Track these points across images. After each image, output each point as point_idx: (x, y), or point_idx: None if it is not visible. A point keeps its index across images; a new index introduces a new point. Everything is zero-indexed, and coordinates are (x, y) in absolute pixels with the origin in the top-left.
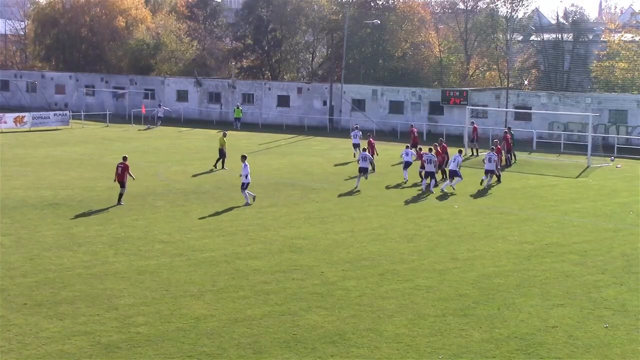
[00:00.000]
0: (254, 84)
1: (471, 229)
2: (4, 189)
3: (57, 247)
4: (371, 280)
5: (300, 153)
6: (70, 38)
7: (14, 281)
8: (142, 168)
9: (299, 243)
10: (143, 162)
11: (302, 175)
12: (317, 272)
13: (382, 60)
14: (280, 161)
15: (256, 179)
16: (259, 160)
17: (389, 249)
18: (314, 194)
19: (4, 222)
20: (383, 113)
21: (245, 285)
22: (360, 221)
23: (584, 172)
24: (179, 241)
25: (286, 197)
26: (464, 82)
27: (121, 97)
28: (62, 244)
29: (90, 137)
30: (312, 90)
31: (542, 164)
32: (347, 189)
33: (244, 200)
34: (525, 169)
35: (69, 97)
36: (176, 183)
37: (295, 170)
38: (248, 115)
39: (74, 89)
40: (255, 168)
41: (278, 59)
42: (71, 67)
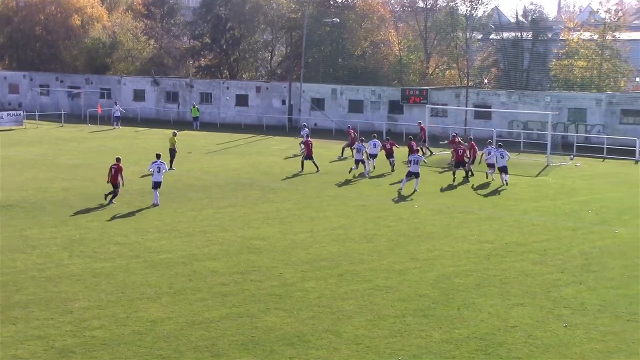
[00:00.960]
0: (212, 83)
1: (431, 229)
2: None
3: (10, 249)
4: (330, 281)
5: (259, 153)
6: (24, 36)
7: None
8: (98, 169)
9: (257, 244)
10: (99, 162)
11: (261, 175)
12: (276, 273)
13: (341, 59)
14: (239, 161)
15: (214, 179)
16: (217, 160)
17: (348, 249)
18: (272, 194)
19: None
20: (342, 112)
21: (203, 287)
22: (319, 221)
23: (544, 170)
24: (135, 243)
25: (244, 198)
26: (423, 81)
27: (76, 96)
28: (15, 247)
29: (45, 137)
30: (270, 89)
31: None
32: (305, 188)
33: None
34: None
35: (22, 96)
36: (132, 184)
37: (253, 170)
38: (206, 114)
39: (28, 89)
40: (213, 168)
41: (236, 57)
42: (25, 66)
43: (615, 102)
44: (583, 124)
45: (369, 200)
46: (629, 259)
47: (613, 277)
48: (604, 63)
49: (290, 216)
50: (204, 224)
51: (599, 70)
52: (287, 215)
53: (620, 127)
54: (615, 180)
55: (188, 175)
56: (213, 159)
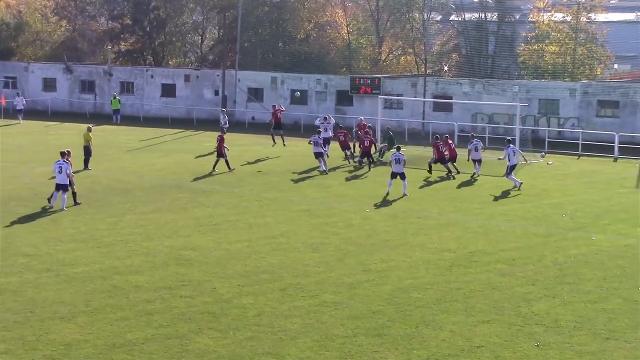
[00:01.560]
0: (134, 70)
1: (385, 236)
2: None
3: None
4: (271, 297)
5: (189, 150)
6: None
7: None
8: (2, 169)
9: (187, 255)
10: (3, 162)
11: (191, 176)
12: (209, 288)
13: (282, 43)
14: (165, 160)
15: (137, 180)
16: (141, 159)
17: (291, 260)
18: (204, 197)
19: None
20: (284, 104)
21: (125, 304)
22: (258, 228)
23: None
24: (46, 254)
25: (172, 202)
26: (375, 68)
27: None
28: None
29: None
30: (201, 78)
31: (465, 161)
32: (243, 191)
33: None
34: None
35: None
36: (43, 186)
37: (182, 170)
38: (127, 107)
39: None
40: (136, 168)
41: (162, 41)
42: None
43: (591, 92)
44: (555, 117)
45: (315, 204)
46: (607, 270)
47: (590, 289)
48: (578, 48)
49: (224, 223)
50: (126, 232)
51: (572, 56)
52: (222, 222)
53: (596, 121)
54: (591, 180)
55: (107, 176)
56: (136, 157)
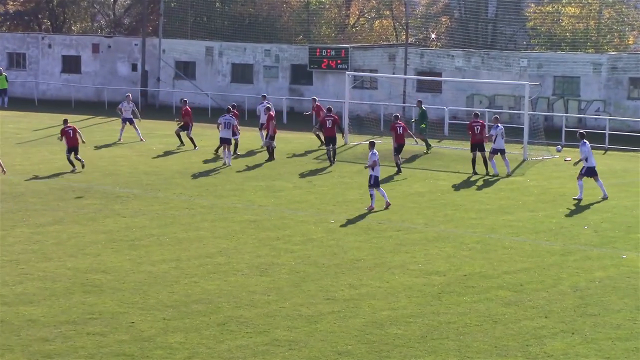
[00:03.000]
0: (26, 38)
1: (355, 255)
2: None
3: None
4: (206, 334)
5: (99, 142)
6: None
7: None
8: None
9: (97, 279)
10: None
11: (101, 177)
12: (125, 323)
13: (219, 3)
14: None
15: (30, 182)
16: (35, 155)
17: (232, 286)
18: (119, 204)
19: None
20: (223, 82)
21: (15, 344)
22: (189, 244)
23: (519, 167)
24: None
25: (77, 210)
26: (342, 36)
27: None
28: None
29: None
30: (114, 49)
31: (458, 157)
32: (169, 195)
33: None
34: (434, 165)
35: None
36: None
37: (90, 169)
38: (17, 86)
39: None
40: (29, 166)
41: (62, 0)
42: None
43: (621, 68)
44: (575, 100)
45: (263, 212)
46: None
47: (619, 323)
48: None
49: (146, 237)
50: (16, 249)
51: (597, 21)
52: (142, 236)
53: (628, 104)
54: (622, 182)
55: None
56: (29, 152)
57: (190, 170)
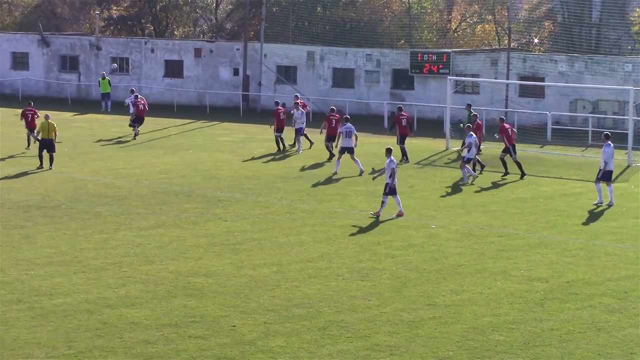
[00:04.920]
0: (129, 43)
1: (456, 260)
2: None
3: None
4: (307, 338)
5: (200, 147)
6: None
7: None
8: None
9: (198, 282)
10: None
11: (203, 181)
12: (227, 327)
13: (321, 8)
14: (170, 159)
15: (133, 186)
16: (138, 159)
17: (333, 290)
18: (220, 207)
19: None
20: (324, 87)
21: (118, 347)
22: (290, 249)
23: (623, 173)
24: (16, 281)
25: (179, 214)
26: (443, 41)
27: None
28: None
29: None
30: (217, 53)
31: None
32: (270, 200)
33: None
34: (537, 170)
35: None
36: (12, 192)
37: (192, 172)
38: (121, 90)
39: None
40: (132, 170)
41: (165, 5)
42: None
43: None
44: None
45: (365, 217)
46: None
47: None
48: None
49: (247, 241)
50: (119, 252)
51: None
52: (243, 240)
53: None
54: None
55: (94, 180)
56: (132, 156)
57: (291, 174)
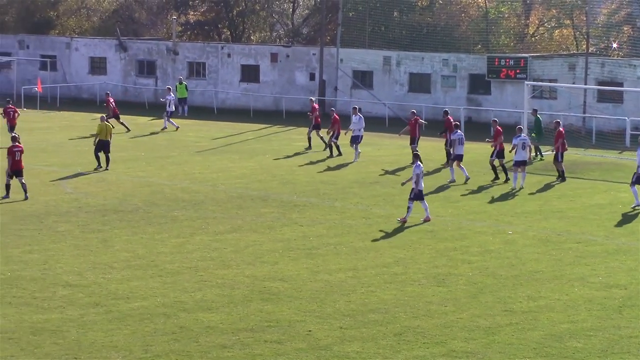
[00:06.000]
0: (206, 47)
1: (533, 266)
2: None
3: None
4: (383, 344)
5: (277, 152)
6: None
7: None
8: (38, 174)
9: (274, 287)
10: (40, 165)
11: (279, 186)
12: (302, 331)
13: (397, 13)
14: (247, 164)
15: (209, 190)
16: (214, 163)
17: (409, 296)
18: (296, 212)
19: None
20: (400, 92)
21: (194, 351)
22: (366, 254)
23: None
24: (93, 284)
25: (255, 218)
26: (521, 46)
27: (5, 67)
28: None
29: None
30: (293, 58)
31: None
32: (346, 205)
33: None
34: (615, 176)
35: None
36: (90, 197)
37: (268, 177)
38: (197, 95)
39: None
40: (208, 175)
41: (242, 10)
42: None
43: None
44: None
45: (441, 223)
46: None
47: None
48: None
49: (323, 246)
50: (195, 256)
51: None
52: (319, 245)
53: None
54: None
55: (171, 184)
56: (208, 160)
57: (367, 179)
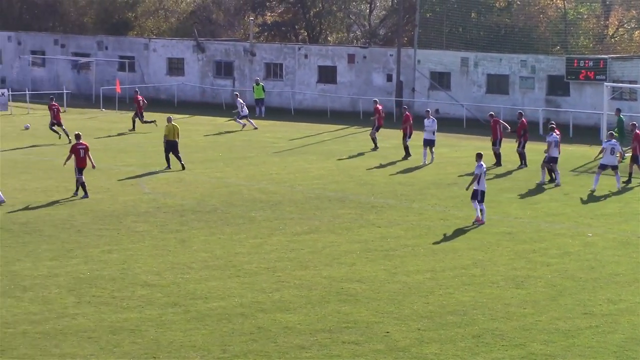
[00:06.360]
0: (283, 48)
1: (613, 269)
2: None
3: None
4: (461, 346)
5: (353, 152)
6: None
7: None
8: (117, 175)
9: (352, 288)
10: (118, 165)
11: (357, 187)
12: (380, 333)
13: (475, 14)
14: (324, 165)
15: (287, 191)
16: (292, 164)
17: (488, 298)
18: (374, 213)
19: None
20: (478, 93)
21: (273, 351)
22: (444, 256)
23: None
24: (172, 284)
25: (332, 219)
26: (600, 47)
27: (84, 68)
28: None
29: (39, 128)
30: (370, 59)
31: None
32: (424, 206)
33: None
34: None
35: (7, 67)
36: (168, 197)
37: (345, 178)
38: (274, 96)
39: (15, 56)
40: (285, 176)
41: (319, 11)
42: (10, 23)
43: None
44: None
45: (519, 225)
46: None
47: None
48: None
49: (400, 247)
50: (273, 257)
51: None
52: (396, 246)
53: None
54: None
55: (248, 185)
56: (285, 161)
57: (445, 180)
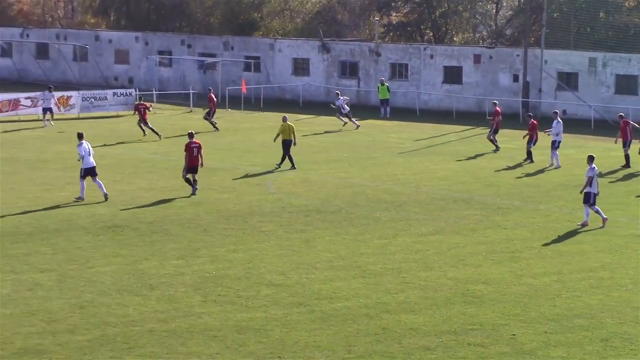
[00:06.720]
0: (409, 49)
1: None
2: (41, 204)
3: (119, 290)
4: (589, 349)
5: (479, 153)
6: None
7: (57, 339)
8: (242, 174)
9: (477, 290)
10: (244, 164)
11: (482, 188)
12: (506, 335)
13: (603, 13)
14: (449, 166)
15: (412, 192)
16: (417, 165)
17: (616, 301)
18: (500, 215)
19: (43, 252)
20: (606, 93)
21: (397, 352)
22: (571, 258)
23: None
24: (296, 284)
25: (457, 220)
26: None
27: (211, 68)
28: (125, 286)
29: (167, 128)
30: (496, 59)
31: None
32: (550, 207)
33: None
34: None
35: (134, 68)
36: (293, 197)
37: (471, 179)
38: (399, 96)
39: (142, 57)
40: (410, 176)
41: (444, 11)
42: (138, 24)
43: None
44: None
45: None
46: None
47: None
48: None
49: (526, 249)
50: (398, 258)
51: None
52: (522, 248)
53: None
54: None
55: (373, 186)
56: (410, 162)
57: (572, 182)
